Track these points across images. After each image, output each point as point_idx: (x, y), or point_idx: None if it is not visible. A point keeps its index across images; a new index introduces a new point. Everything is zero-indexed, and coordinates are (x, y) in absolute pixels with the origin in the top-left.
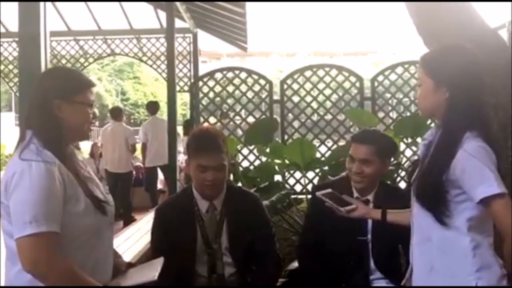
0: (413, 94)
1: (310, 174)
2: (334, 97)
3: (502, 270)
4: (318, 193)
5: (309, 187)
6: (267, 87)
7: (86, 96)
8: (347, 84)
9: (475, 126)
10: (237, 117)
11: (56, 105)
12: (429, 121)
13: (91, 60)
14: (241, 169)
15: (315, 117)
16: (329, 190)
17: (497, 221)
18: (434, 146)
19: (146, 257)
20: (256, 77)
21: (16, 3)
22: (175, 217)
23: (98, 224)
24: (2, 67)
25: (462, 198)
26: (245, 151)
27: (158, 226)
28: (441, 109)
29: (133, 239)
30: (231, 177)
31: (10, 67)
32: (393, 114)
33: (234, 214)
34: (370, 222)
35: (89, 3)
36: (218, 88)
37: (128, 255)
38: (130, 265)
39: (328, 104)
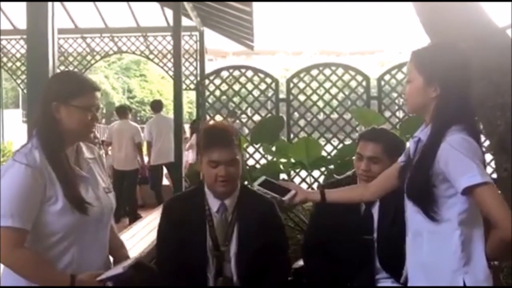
0: None
1: (316, 173)
2: (341, 96)
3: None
4: (255, 185)
5: (315, 185)
6: (273, 85)
7: (86, 100)
8: (353, 83)
9: (461, 121)
10: (243, 116)
11: (54, 107)
12: None
13: (98, 57)
14: (247, 167)
15: (321, 116)
16: (263, 177)
17: (485, 209)
18: (423, 143)
19: (151, 254)
20: (262, 75)
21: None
22: (184, 214)
23: (77, 223)
24: (10, 64)
25: (451, 192)
26: (250, 149)
27: (165, 223)
28: (429, 106)
29: (138, 236)
30: None
31: (18, 64)
32: (400, 114)
33: (246, 217)
34: (376, 221)
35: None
36: (224, 87)
37: (134, 252)
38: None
39: (334, 103)
